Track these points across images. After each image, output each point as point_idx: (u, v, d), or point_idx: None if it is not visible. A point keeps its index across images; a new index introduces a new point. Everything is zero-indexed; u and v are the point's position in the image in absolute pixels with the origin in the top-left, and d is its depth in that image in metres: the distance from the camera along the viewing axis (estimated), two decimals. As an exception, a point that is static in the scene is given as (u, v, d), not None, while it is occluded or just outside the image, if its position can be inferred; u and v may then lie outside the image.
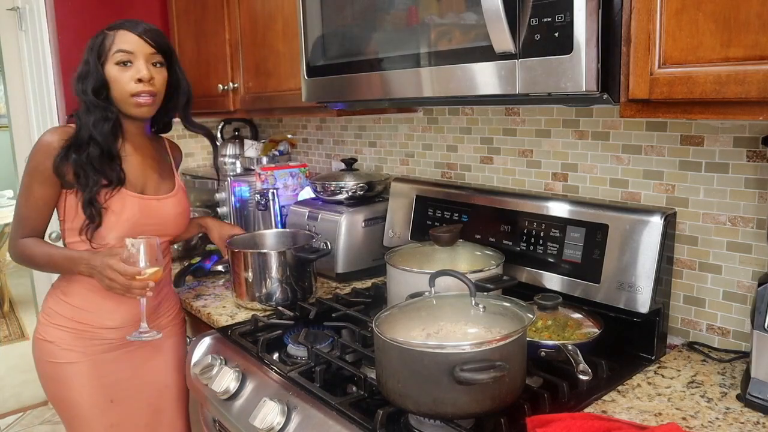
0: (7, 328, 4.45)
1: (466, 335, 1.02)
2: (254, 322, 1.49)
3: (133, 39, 1.43)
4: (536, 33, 0.99)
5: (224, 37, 2.13)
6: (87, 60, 1.44)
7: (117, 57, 1.42)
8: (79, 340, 1.48)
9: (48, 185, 1.42)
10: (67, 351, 1.48)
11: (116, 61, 1.42)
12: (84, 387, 1.49)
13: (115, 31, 1.44)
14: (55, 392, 1.52)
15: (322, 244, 1.70)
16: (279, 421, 1.10)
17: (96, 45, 1.44)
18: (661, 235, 1.21)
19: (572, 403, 1.07)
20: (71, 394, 1.49)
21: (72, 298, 1.48)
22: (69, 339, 1.48)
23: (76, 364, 1.48)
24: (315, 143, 2.47)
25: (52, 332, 1.49)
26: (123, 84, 1.42)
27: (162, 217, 1.52)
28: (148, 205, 1.49)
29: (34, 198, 1.43)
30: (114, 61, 1.42)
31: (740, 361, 1.21)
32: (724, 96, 0.83)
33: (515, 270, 1.42)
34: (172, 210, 1.55)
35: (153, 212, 1.50)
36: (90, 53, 1.44)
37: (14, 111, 2.90)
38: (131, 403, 1.56)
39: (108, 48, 1.42)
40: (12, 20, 2.78)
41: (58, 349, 1.48)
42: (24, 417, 3.18)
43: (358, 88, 1.39)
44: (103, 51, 1.43)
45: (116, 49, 1.42)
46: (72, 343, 1.48)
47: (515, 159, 1.63)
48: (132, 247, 1.34)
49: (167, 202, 1.54)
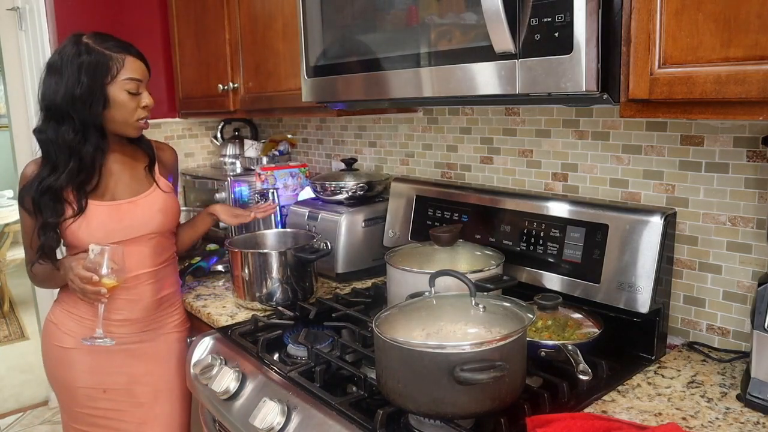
0: (7, 328, 4.45)
1: (466, 335, 1.02)
2: (254, 322, 1.49)
3: (141, 67, 1.48)
4: (536, 33, 0.99)
5: (224, 37, 2.13)
6: (81, 81, 1.40)
7: (128, 85, 1.44)
8: (83, 329, 1.52)
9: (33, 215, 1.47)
10: (71, 336, 1.53)
11: (126, 88, 1.44)
12: (82, 372, 1.55)
13: (123, 56, 1.44)
14: (56, 374, 1.59)
15: (322, 244, 1.70)
16: (279, 421, 1.10)
17: (96, 65, 1.41)
18: (661, 235, 1.21)
19: (572, 403, 1.07)
20: (70, 377, 1.56)
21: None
22: (74, 326, 1.53)
23: (77, 350, 1.53)
24: (315, 143, 2.47)
25: (60, 317, 1.56)
26: (130, 110, 1.47)
27: (138, 217, 1.53)
28: (119, 209, 1.51)
29: (25, 227, 1.51)
30: (124, 87, 1.44)
31: (740, 361, 1.21)
32: (724, 96, 0.83)
33: (515, 270, 1.42)
34: (149, 209, 1.55)
35: (125, 215, 1.51)
36: (86, 73, 1.40)
37: (14, 111, 2.90)
38: (125, 397, 1.59)
39: (116, 72, 1.43)
40: (12, 20, 2.78)
41: (63, 334, 1.55)
42: (24, 417, 3.18)
43: (358, 88, 1.39)
44: (108, 73, 1.42)
45: (127, 77, 1.44)
46: (76, 330, 1.53)
47: (515, 159, 1.63)
48: (92, 252, 1.37)
49: (142, 202, 1.55)
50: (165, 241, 1.61)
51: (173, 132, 2.75)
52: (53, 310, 1.59)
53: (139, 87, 1.47)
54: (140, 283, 1.55)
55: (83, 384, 1.55)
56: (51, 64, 1.45)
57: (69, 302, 1.54)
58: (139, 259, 1.53)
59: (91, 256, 1.36)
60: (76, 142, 1.42)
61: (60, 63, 1.42)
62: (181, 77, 2.55)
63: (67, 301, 1.54)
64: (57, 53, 1.45)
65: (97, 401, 1.56)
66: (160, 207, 1.57)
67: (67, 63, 1.41)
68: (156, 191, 1.59)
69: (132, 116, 1.48)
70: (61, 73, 1.42)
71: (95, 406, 1.56)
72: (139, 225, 1.53)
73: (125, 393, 1.58)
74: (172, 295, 1.66)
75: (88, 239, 1.44)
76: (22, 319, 4.57)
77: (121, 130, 1.50)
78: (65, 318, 1.55)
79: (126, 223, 1.51)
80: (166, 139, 2.72)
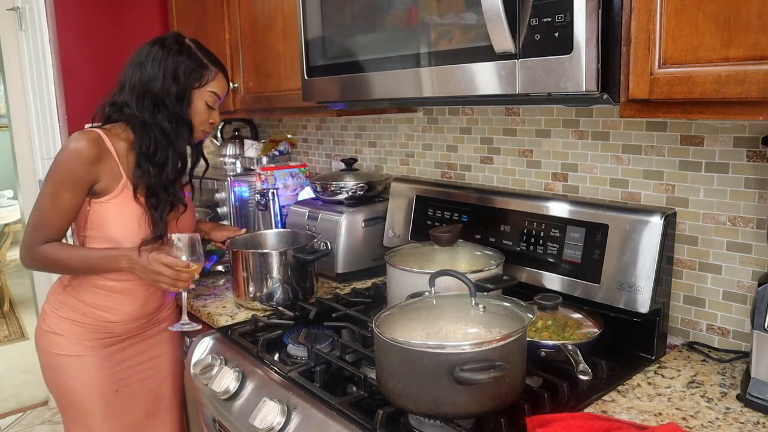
0: (7, 328, 4.45)
1: (466, 335, 1.02)
2: (254, 322, 1.49)
3: (226, 87, 1.56)
4: (536, 33, 0.99)
5: (224, 37, 2.12)
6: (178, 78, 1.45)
7: (210, 97, 1.51)
8: (88, 333, 1.50)
9: (78, 192, 1.41)
10: (75, 344, 1.50)
11: (207, 99, 1.50)
12: (90, 379, 1.52)
13: (216, 70, 1.52)
14: (58, 382, 1.54)
15: (322, 244, 1.70)
16: (279, 421, 1.10)
17: (193, 69, 1.47)
18: (661, 235, 1.21)
19: (572, 403, 1.07)
20: (75, 385, 1.51)
21: (84, 296, 1.49)
22: (79, 332, 1.50)
23: (83, 357, 1.50)
24: (315, 143, 2.47)
25: (60, 324, 1.50)
26: (202, 120, 1.52)
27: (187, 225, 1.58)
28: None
29: (62, 204, 1.41)
30: (205, 98, 1.50)
31: (740, 361, 1.21)
32: (724, 96, 0.83)
33: (515, 270, 1.42)
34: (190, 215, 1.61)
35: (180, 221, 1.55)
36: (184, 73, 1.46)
37: (14, 111, 2.90)
38: (134, 391, 1.59)
39: (205, 82, 1.49)
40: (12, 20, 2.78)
41: (67, 342, 1.50)
42: (24, 417, 3.18)
43: (358, 88, 1.39)
44: (197, 80, 1.48)
45: (212, 90, 1.51)
46: (81, 336, 1.50)
47: (515, 159, 1.63)
48: (179, 242, 1.42)
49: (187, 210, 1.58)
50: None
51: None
52: (49, 318, 1.52)
53: (216, 103, 1.53)
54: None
55: (93, 389, 1.52)
56: (150, 52, 1.47)
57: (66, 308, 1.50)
58: None
59: (179, 245, 1.42)
60: (173, 133, 1.46)
61: (162, 55, 1.46)
62: (181, 77, 2.54)
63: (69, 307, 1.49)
64: (159, 45, 1.47)
65: (107, 404, 1.54)
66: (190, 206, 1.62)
67: (168, 57, 1.46)
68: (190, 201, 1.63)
69: (199, 126, 1.52)
70: (160, 64, 1.45)
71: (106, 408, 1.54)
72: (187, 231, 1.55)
73: (132, 388, 1.58)
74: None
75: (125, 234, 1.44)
76: (22, 319, 4.57)
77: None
78: (66, 324, 1.50)
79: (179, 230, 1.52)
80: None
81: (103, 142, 1.42)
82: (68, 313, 1.50)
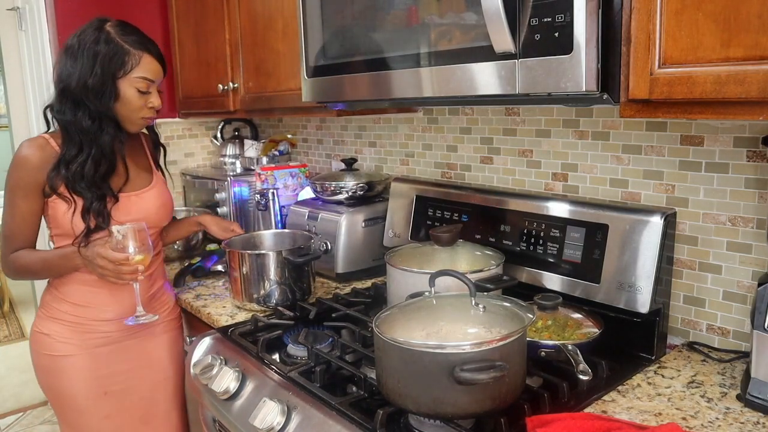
0: (7, 328, 4.45)
1: (466, 335, 1.02)
2: (254, 322, 1.49)
3: (157, 68, 1.46)
4: (536, 33, 0.99)
5: (224, 37, 2.12)
6: (95, 71, 1.39)
7: (139, 83, 1.43)
8: (76, 333, 1.50)
9: (31, 198, 1.43)
10: (63, 344, 1.50)
11: (138, 86, 1.43)
12: (79, 379, 1.52)
13: (140, 53, 1.42)
14: (50, 383, 1.55)
15: (322, 244, 1.69)
16: (279, 421, 1.10)
17: (111, 57, 1.40)
18: (661, 235, 1.21)
19: (572, 403, 1.07)
20: (66, 386, 1.52)
21: (68, 294, 1.50)
22: (66, 332, 1.51)
23: (73, 357, 1.51)
24: (315, 143, 2.47)
25: (49, 325, 1.51)
26: (137, 107, 1.45)
27: (143, 211, 1.52)
28: (128, 201, 1.50)
29: (20, 212, 1.44)
30: (135, 84, 1.42)
31: (740, 361, 1.21)
32: (724, 96, 0.83)
33: (515, 270, 1.42)
34: (153, 202, 1.56)
35: (133, 208, 1.51)
36: (101, 63, 1.39)
37: (14, 111, 2.90)
38: (125, 396, 1.58)
39: (130, 69, 1.41)
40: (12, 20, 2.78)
41: (55, 342, 1.50)
42: (24, 417, 3.18)
43: (358, 88, 1.39)
44: (121, 67, 1.41)
45: (140, 75, 1.42)
46: (69, 336, 1.50)
47: (515, 159, 1.63)
48: (118, 234, 1.37)
49: (146, 195, 1.55)
50: (157, 235, 1.62)
51: (173, 132, 2.75)
52: (39, 320, 1.54)
53: (150, 87, 1.45)
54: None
55: (83, 390, 1.52)
56: (69, 46, 1.43)
57: (54, 308, 1.51)
58: None
59: (119, 237, 1.37)
60: (93, 130, 1.41)
61: (77, 47, 1.41)
62: (181, 77, 2.55)
63: (55, 306, 1.51)
64: (76, 36, 1.42)
65: (99, 406, 1.54)
66: (163, 202, 1.58)
67: (84, 49, 1.40)
68: (158, 185, 1.60)
69: (136, 114, 1.46)
70: (76, 57, 1.40)
71: (98, 410, 1.54)
72: (146, 218, 1.51)
73: (125, 391, 1.58)
74: (162, 288, 1.66)
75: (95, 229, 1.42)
76: (22, 319, 4.57)
77: (124, 125, 1.48)
78: (54, 325, 1.51)
79: (134, 216, 1.49)
80: (166, 139, 2.72)
81: (49, 146, 1.44)
82: (54, 312, 1.51)
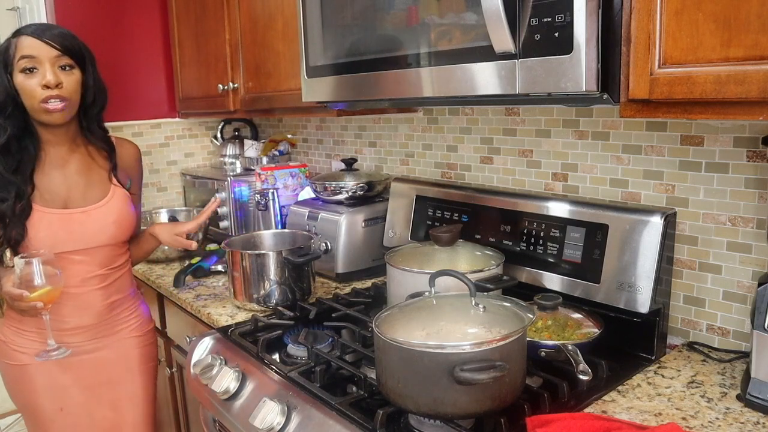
0: (7, 328, 4.44)
1: (466, 335, 1.02)
2: (254, 322, 1.49)
3: (36, 43, 1.35)
4: (536, 33, 0.99)
5: (224, 37, 2.13)
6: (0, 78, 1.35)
7: (21, 64, 1.34)
8: (28, 342, 1.46)
9: None
10: (17, 353, 1.46)
11: (21, 68, 1.35)
12: (30, 391, 1.47)
13: (17, 37, 1.36)
14: (14, 392, 1.52)
15: (322, 244, 1.69)
16: (279, 421, 1.10)
17: (2, 57, 1.36)
18: (661, 235, 1.21)
19: (572, 403, 1.07)
20: (19, 396, 1.50)
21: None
22: (19, 340, 1.46)
23: (25, 368, 1.47)
24: (315, 143, 2.47)
25: (5, 331, 1.48)
26: (30, 91, 1.35)
27: (89, 228, 1.44)
28: (70, 218, 1.43)
29: None
30: (19, 68, 1.35)
31: (740, 361, 1.21)
32: (724, 96, 0.83)
33: (515, 270, 1.42)
34: (103, 220, 1.46)
35: (76, 225, 1.43)
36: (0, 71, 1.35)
37: (14, 111, 2.89)
38: (83, 415, 1.51)
39: (12, 56, 1.35)
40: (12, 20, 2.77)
41: (10, 350, 1.47)
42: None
43: (358, 88, 1.39)
44: (9, 60, 1.36)
45: (20, 56, 1.34)
46: (22, 345, 1.46)
47: (515, 159, 1.63)
48: (17, 268, 1.27)
49: (95, 213, 1.46)
50: (117, 249, 1.53)
51: (173, 132, 2.75)
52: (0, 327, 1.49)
53: (34, 63, 1.34)
54: (89, 288, 1.47)
55: (42, 402, 1.47)
56: None
57: (15, 318, 1.46)
58: (88, 266, 1.46)
59: (18, 271, 1.27)
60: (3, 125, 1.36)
61: None
62: (181, 77, 2.55)
63: (14, 316, 1.45)
64: None
65: (56, 421, 1.49)
66: (115, 218, 1.48)
67: None
68: (112, 200, 1.49)
69: (35, 99, 1.35)
70: None
71: (55, 426, 1.49)
72: (90, 236, 1.45)
73: (83, 408, 1.51)
74: (126, 299, 1.58)
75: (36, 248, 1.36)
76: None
77: (37, 118, 1.39)
78: (13, 335, 1.47)
79: (77, 234, 1.43)
80: (166, 139, 2.72)
81: None
82: (10, 320, 1.47)
